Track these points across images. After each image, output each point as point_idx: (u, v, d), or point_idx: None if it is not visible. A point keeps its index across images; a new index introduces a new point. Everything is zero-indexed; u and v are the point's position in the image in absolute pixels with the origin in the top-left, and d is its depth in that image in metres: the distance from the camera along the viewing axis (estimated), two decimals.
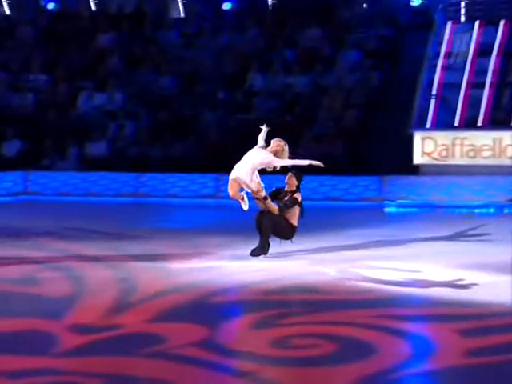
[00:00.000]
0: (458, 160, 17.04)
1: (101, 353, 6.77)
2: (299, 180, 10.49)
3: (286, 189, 10.46)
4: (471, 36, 18.56)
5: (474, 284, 8.83)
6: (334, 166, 17.08)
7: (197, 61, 20.88)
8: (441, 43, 18.54)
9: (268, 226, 10.18)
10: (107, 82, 20.46)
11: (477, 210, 15.99)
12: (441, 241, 12.04)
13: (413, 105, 17.73)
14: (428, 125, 17.63)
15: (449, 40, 18.62)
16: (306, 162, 10.33)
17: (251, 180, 10.07)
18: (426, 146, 17.17)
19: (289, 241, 10.48)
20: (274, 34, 21.17)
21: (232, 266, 10.08)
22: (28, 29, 22.62)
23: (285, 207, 10.30)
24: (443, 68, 18.28)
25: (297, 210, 10.38)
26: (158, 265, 10.08)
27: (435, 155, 17.06)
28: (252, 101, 19.47)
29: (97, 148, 19.05)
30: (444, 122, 17.62)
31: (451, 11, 19.17)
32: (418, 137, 17.21)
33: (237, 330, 7.61)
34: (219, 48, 21.25)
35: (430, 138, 17.21)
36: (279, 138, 10.40)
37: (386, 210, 16.44)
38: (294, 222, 10.39)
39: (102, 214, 16.01)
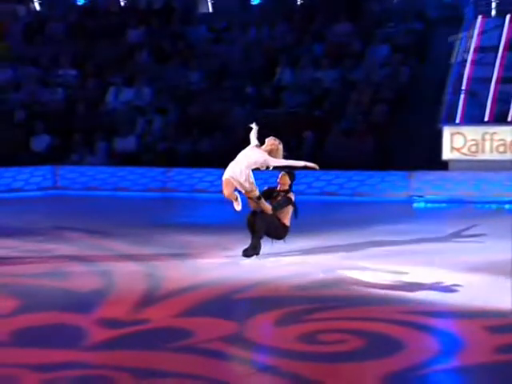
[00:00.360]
0: (487, 155, 16.91)
1: (129, 347, 6.80)
2: (292, 179, 10.29)
3: (278, 188, 10.27)
4: (502, 30, 18.41)
5: (503, 281, 8.75)
6: (362, 162, 17.05)
7: (225, 56, 20.89)
8: (470, 37, 18.39)
9: (261, 226, 9.97)
10: (136, 77, 20.53)
11: (507, 206, 15.86)
12: (469, 237, 11.95)
13: (441, 100, 17.61)
14: (457, 120, 17.51)
15: (479, 34, 18.48)
16: (301, 164, 10.15)
17: (246, 179, 9.89)
18: (455, 141, 17.05)
19: (281, 241, 10.25)
20: (302, 28, 21.12)
21: (259, 262, 10.07)
22: (58, 24, 22.76)
23: (278, 207, 10.08)
24: (473, 62, 18.14)
25: (290, 209, 10.17)
26: (186, 260, 10.11)
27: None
28: (280, 95, 19.44)
29: (125, 143, 19.13)
30: (473, 117, 17.49)
31: (482, 5, 19.03)
32: (447, 132, 17.09)
33: (263, 325, 7.61)
34: (247, 43, 21.25)
35: (459, 133, 17.09)
36: (274, 137, 10.18)
37: (415, 205, 16.36)
38: (287, 221, 10.17)
39: (129, 209, 16.08)
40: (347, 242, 11.32)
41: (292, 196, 10.22)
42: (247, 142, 10.39)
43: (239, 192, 10.12)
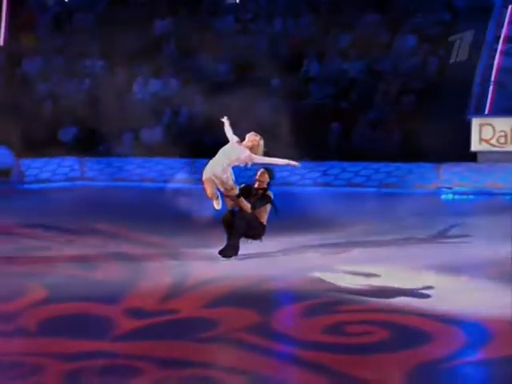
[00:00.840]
0: None
1: (155, 337, 6.82)
2: (271, 177, 9.89)
3: (255, 186, 9.84)
4: None
5: None
6: (390, 153, 16.97)
7: (251, 47, 20.85)
8: (500, 27, 18.22)
9: (241, 226, 9.54)
10: (163, 68, 20.55)
11: None
12: (497, 228, 11.85)
13: (470, 90, 17.47)
14: (486, 111, 17.37)
15: (508, 24, 18.30)
16: (284, 162, 9.70)
17: (228, 177, 9.53)
18: (484, 133, 16.91)
19: (258, 240, 9.84)
20: (329, 19, 21.04)
21: (283, 253, 10.06)
22: (85, 15, 22.84)
23: (257, 205, 9.68)
24: (501, 53, 17.97)
25: (267, 208, 9.77)
26: (212, 251, 10.10)
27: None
28: (307, 87, 19.39)
29: (152, 134, 19.17)
30: (502, 108, 17.34)
31: None
32: (475, 123, 16.96)
33: (289, 316, 7.60)
34: (273, 34, 21.20)
35: (488, 124, 16.95)
36: (254, 132, 9.79)
37: (443, 197, 16.26)
38: (264, 220, 9.74)
39: (155, 200, 16.12)
40: (374, 233, 11.28)
41: (271, 194, 9.82)
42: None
43: (218, 190, 9.72)
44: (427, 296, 8.00)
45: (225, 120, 10.11)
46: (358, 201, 15.59)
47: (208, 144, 18.82)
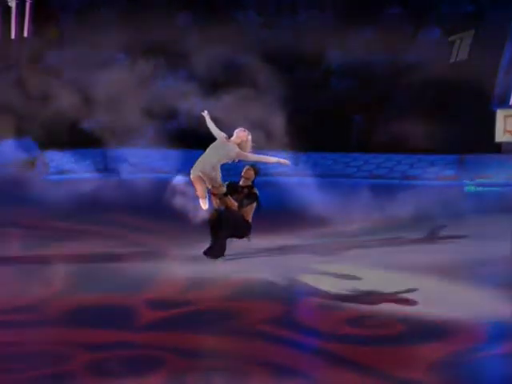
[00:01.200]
0: None
1: (178, 328, 6.84)
2: (257, 173, 9.69)
3: (240, 183, 9.63)
4: None
5: None
6: (412, 145, 16.90)
7: (274, 40, 20.81)
8: None
9: (228, 225, 9.31)
10: (182, 61, 20.57)
11: None
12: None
13: (493, 82, 17.35)
14: (510, 102, 17.25)
15: None
16: (274, 160, 9.53)
17: (216, 175, 9.27)
18: (509, 124, 16.80)
19: (245, 239, 9.61)
20: (352, 11, 20.95)
21: (305, 246, 10.06)
22: (107, 8, 22.88)
23: (245, 204, 9.46)
24: None
25: (253, 206, 9.54)
26: (234, 243, 10.08)
27: None
28: (329, 79, 19.35)
29: (170, 126, 19.22)
30: None
31: None
32: (500, 114, 16.85)
33: (311, 308, 7.59)
34: (296, 27, 21.14)
35: None
36: (242, 128, 9.59)
37: (466, 189, 16.16)
38: (250, 218, 9.52)
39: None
40: (398, 225, 11.24)
41: (257, 191, 9.61)
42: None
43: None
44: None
45: (205, 115, 9.91)
46: (379, 193, 15.52)
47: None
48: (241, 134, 9.48)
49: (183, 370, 5.90)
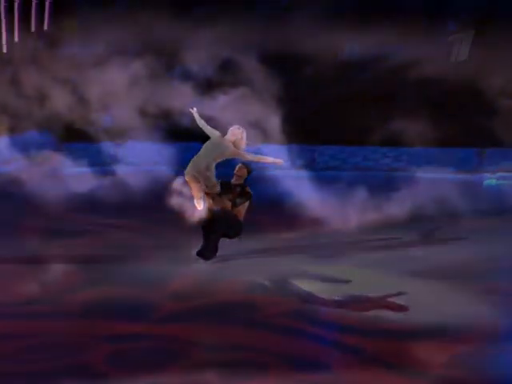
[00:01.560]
0: None
1: (197, 320, 6.87)
2: (250, 172, 9.45)
3: (232, 181, 9.40)
4: None
5: None
6: (432, 138, 16.85)
7: (291, 32, 20.78)
8: None
9: (222, 225, 9.13)
10: (198, 53, 20.56)
11: None
12: None
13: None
14: None
15: None
16: (270, 159, 9.32)
17: (211, 174, 9.11)
18: None
19: (237, 238, 9.40)
20: (367, 3, 20.92)
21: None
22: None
23: (238, 203, 9.27)
24: None
25: (246, 205, 9.34)
26: (254, 236, 10.09)
27: None
28: (347, 71, 19.36)
29: (185, 120, 19.22)
30: None
31: None
32: None
33: (326, 303, 7.60)
34: (310, 19, 21.11)
35: None
36: (237, 125, 9.33)
37: (486, 182, 16.11)
38: (242, 217, 9.33)
39: None
40: (413, 222, 11.24)
41: (250, 190, 9.40)
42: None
43: None
44: None
45: (193, 111, 9.67)
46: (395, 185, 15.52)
47: None
48: (235, 131, 9.26)
49: (199, 363, 5.93)
